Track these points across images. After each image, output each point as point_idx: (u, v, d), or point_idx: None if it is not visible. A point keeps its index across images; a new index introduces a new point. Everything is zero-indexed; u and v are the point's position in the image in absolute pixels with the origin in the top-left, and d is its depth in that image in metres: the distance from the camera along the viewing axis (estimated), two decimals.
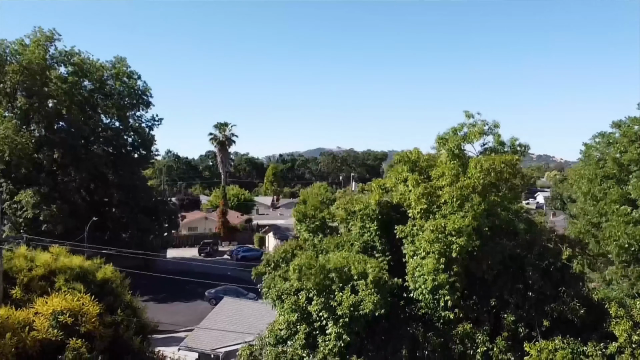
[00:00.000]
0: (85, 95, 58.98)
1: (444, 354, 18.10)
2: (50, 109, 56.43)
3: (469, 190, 17.55)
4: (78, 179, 56.57)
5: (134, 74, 60.56)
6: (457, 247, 16.80)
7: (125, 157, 62.33)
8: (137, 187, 62.23)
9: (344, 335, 17.89)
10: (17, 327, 24.86)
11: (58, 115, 57.25)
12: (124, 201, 59.77)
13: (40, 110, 55.32)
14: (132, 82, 60.02)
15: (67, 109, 55.70)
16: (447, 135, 19.97)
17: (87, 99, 59.30)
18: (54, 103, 56.77)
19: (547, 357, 16.33)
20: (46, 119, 55.79)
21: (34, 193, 52.53)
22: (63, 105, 55.83)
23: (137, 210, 60.38)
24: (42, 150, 55.10)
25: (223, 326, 35.38)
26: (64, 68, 58.67)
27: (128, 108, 62.11)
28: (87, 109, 59.57)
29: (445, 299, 17.21)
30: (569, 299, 17.37)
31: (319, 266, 18.07)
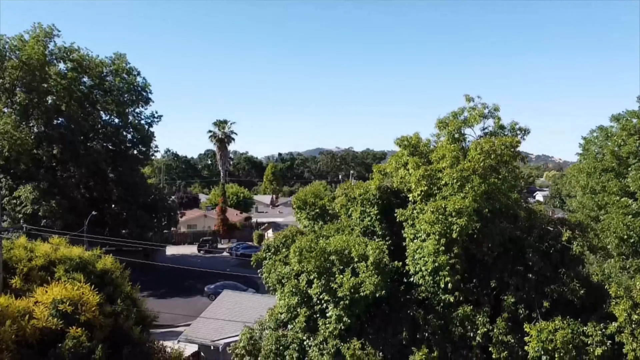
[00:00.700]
0: (85, 92, 58.98)
1: (444, 336, 18.12)
2: (49, 105, 56.46)
3: (469, 172, 17.59)
4: (77, 174, 56.55)
5: (133, 70, 60.57)
6: (458, 227, 16.83)
7: (124, 154, 62.32)
8: (137, 183, 62.23)
9: (344, 318, 17.91)
10: (17, 316, 24.89)
11: (57, 112, 57.24)
12: (123, 197, 59.77)
13: (40, 106, 55.33)
14: (132, 78, 60.04)
15: (67, 105, 55.70)
16: (447, 119, 20.02)
17: (87, 95, 59.30)
18: (53, 99, 56.80)
19: (547, 337, 16.35)
20: (45, 115, 55.78)
21: (33, 188, 52.51)
22: (62, 102, 55.84)
23: (136, 207, 60.38)
24: (42, 146, 55.08)
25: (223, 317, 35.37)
26: (63, 64, 58.70)
27: (127, 105, 62.10)
28: (86, 105, 59.56)
29: (446, 280, 17.22)
30: (568, 280, 17.41)
31: (320, 249, 18.10)
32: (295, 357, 18.68)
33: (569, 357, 16.23)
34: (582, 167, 43.75)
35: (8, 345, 23.64)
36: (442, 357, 17.85)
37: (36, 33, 55.62)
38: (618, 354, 16.94)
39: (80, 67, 57.82)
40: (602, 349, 16.36)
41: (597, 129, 43.42)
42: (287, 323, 19.77)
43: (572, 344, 16.38)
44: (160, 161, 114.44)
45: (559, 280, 17.64)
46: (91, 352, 25.22)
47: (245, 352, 20.17)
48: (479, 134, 20.14)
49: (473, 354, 17.77)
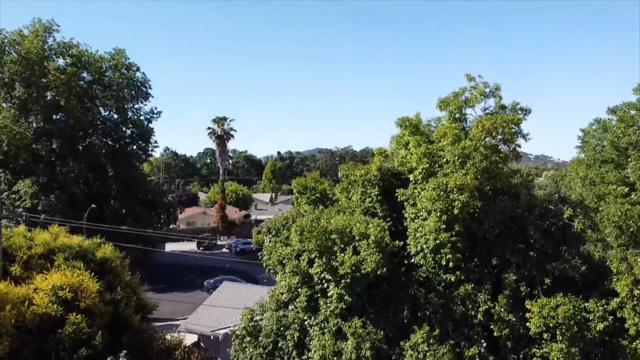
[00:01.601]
0: (84, 87, 58.90)
1: (445, 314, 18.08)
2: (48, 101, 56.37)
3: (470, 149, 17.57)
4: (77, 169, 56.45)
5: (132, 66, 60.54)
6: (459, 204, 16.79)
7: (123, 150, 62.26)
8: (136, 179, 62.17)
9: (345, 297, 17.86)
10: (17, 302, 24.82)
11: (56, 107, 57.16)
12: (123, 193, 59.68)
13: (39, 101, 55.24)
14: (131, 73, 60.02)
15: (66, 100, 55.60)
16: (448, 98, 19.99)
17: (86, 91, 59.22)
18: (52, 95, 56.73)
19: (548, 313, 16.32)
20: (44, 109, 55.69)
21: (32, 183, 52.44)
22: (62, 97, 55.74)
23: (135, 203, 60.31)
24: (41, 141, 55.00)
25: (222, 309, 35.31)
26: (62, 60, 58.64)
27: (127, 100, 62.06)
28: (85, 100, 59.51)
29: (447, 258, 17.17)
30: (570, 257, 17.39)
31: (321, 228, 18.05)
32: (296, 336, 18.63)
33: (570, 333, 16.20)
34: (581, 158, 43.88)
35: (8, 329, 23.58)
36: (443, 335, 17.81)
37: (35, 28, 55.58)
38: (620, 330, 16.93)
39: (79, 63, 57.77)
40: (603, 324, 16.34)
41: (595, 122, 43.57)
42: (288, 304, 19.72)
43: (574, 320, 16.36)
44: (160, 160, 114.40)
45: (561, 257, 17.61)
46: (91, 338, 25.17)
47: (246, 333, 20.11)
48: (480, 115, 20.12)
49: (474, 332, 17.73)
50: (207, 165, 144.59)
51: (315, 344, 17.96)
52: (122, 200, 59.98)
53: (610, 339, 16.92)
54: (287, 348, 18.92)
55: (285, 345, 19.02)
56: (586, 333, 16.46)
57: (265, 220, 24.30)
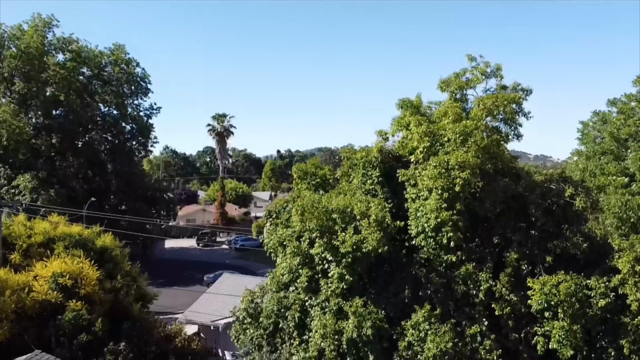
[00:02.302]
0: (84, 82, 58.92)
1: (446, 294, 18.05)
2: (48, 96, 56.37)
3: (472, 127, 17.56)
4: (76, 164, 56.44)
5: (132, 61, 60.56)
6: (461, 181, 16.76)
7: (123, 145, 62.27)
8: (136, 175, 62.19)
9: (346, 276, 17.81)
10: (17, 289, 24.78)
11: (56, 102, 57.16)
12: (122, 189, 59.66)
13: (39, 96, 55.24)
14: (131, 68, 60.04)
15: (65, 95, 55.60)
16: (450, 79, 19.95)
17: (85, 86, 59.25)
18: (52, 90, 56.72)
19: (549, 290, 16.29)
20: (44, 104, 55.69)
21: (31, 178, 52.41)
22: (61, 92, 55.74)
23: (135, 199, 60.27)
24: (40, 136, 55.02)
25: (223, 299, 35.22)
26: (62, 55, 58.66)
27: (127, 96, 62.08)
28: (85, 96, 59.52)
29: (448, 236, 17.13)
30: (571, 235, 17.37)
31: (322, 207, 18.02)
32: (297, 317, 18.58)
33: (572, 310, 16.17)
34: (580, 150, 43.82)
35: (8, 315, 23.55)
36: (444, 314, 17.77)
37: (35, 23, 55.59)
38: (622, 307, 16.90)
39: (78, 58, 57.79)
40: (605, 301, 16.32)
41: (594, 114, 43.51)
42: (288, 285, 19.67)
43: (576, 297, 16.32)
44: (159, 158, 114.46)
45: (562, 236, 17.60)
46: (91, 325, 25.14)
47: (247, 315, 20.06)
48: (481, 95, 20.07)
49: (476, 311, 17.70)
50: (207, 163, 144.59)
51: (316, 324, 17.93)
52: (122, 196, 59.95)
53: (611, 316, 16.89)
54: (288, 328, 18.88)
55: (286, 325, 18.98)
56: (588, 310, 16.43)
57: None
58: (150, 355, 26.33)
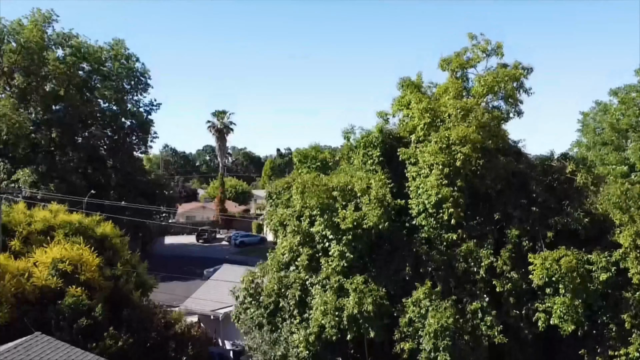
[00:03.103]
0: (84, 78, 58.87)
1: (447, 271, 18.02)
2: (48, 91, 56.31)
3: (472, 103, 17.54)
4: (76, 159, 56.38)
5: (132, 56, 60.52)
6: (462, 156, 16.73)
7: (123, 140, 62.18)
8: (136, 170, 62.13)
9: (347, 254, 17.79)
10: (17, 274, 24.72)
11: (55, 97, 57.10)
12: (122, 184, 59.58)
13: (38, 90, 55.19)
14: (131, 63, 60.00)
15: (65, 90, 55.54)
16: (450, 57, 19.90)
17: (85, 82, 59.19)
18: (51, 85, 56.68)
19: (551, 264, 16.25)
20: (44, 99, 55.64)
21: (31, 172, 52.34)
22: (61, 87, 55.68)
23: (135, 194, 60.15)
24: (40, 130, 54.95)
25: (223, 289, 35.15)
26: (61, 51, 58.61)
27: (126, 91, 62.03)
28: (85, 91, 59.47)
29: (449, 212, 17.12)
30: (572, 211, 17.34)
31: (323, 185, 18.00)
32: (298, 295, 18.53)
33: (573, 285, 16.13)
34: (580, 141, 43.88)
35: (8, 298, 23.49)
36: (445, 291, 17.76)
37: (35, 18, 55.58)
38: (623, 282, 16.87)
39: (78, 53, 57.74)
40: (607, 275, 16.28)
41: (595, 104, 43.60)
42: (289, 264, 19.64)
43: (577, 271, 16.28)
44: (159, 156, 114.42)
45: (563, 212, 17.58)
46: (91, 310, 25.07)
47: (247, 294, 20.01)
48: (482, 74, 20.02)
49: (477, 288, 17.68)
50: (207, 162, 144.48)
51: (317, 301, 17.89)
52: (122, 191, 59.84)
53: (613, 291, 16.86)
54: (288, 307, 18.83)
55: (286, 304, 18.93)
56: (589, 285, 16.40)
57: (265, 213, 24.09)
58: (150, 341, 26.28)
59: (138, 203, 59.42)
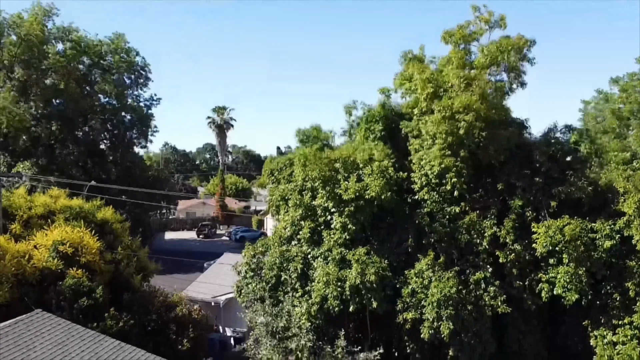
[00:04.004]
0: (84, 71, 58.81)
1: (450, 243, 17.93)
2: (48, 84, 56.24)
3: (476, 72, 17.48)
4: (76, 152, 56.32)
5: (132, 50, 60.46)
6: (465, 124, 16.65)
7: (123, 135, 62.10)
8: (136, 165, 62.03)
9: (349, 225, 17.70)
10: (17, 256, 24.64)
11: (56, 91, 57.04)
12: (122, 178, 59.47)
13: (39, 83, 55.13)
14: (131, 57, 59.94)
15: (65, 84, 55.47)
16: (453, 30, 19.79)
17: (85, 75, 59.13)
18: (52, 80, 56.61)
19: (554, 232, 16.15)
20: (44, 92, 55.58)
21: (31, 165, 52.28)
22: (61, 80, 55.62)
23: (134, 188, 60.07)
24: (40, 123, 54.88)
25: (223, 277, 35.07)
26: (61, 45, 58.59)
27: (127, 86, 61.96)
28: (85, 86, 59.40)
29: (452, 182, 17.03)
30: (576, 180, 17.28)
31: (324, 156, 17.93)
32: (300, 268, 18.43)
33: (577, 253, 16.04)
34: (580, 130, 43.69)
35: (8, 277, 23.41)
36: (448, 262, 17.67)
37: (35, 11, 55.55)
38: (627, 252, 16.79)
39: (78, 47, 57.69)
40: (611, 242, 16.18)
41: (596, 92, 43.55)
42: (291, 239, 19.55)
43: (580, 239, 16.19)
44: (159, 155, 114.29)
45: (567, 182, 17.51)
46: (91, 291, 24.98)
47: (249, 269, 19.92)
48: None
49: (480, 259, 17.58)
50: (207, 161, 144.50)
51: (319, 273, 17.79)
52: (122, 185, 59.74)
53: (617, 260, 16.76)
54: (290, 280, 18.73)
55: (288, 277, 18.83)
56: (593, 253, 16.30)
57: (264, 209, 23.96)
58: (151, 324, 26.19)
59: (138, 197, 59.41)
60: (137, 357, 20.59)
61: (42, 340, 19.52)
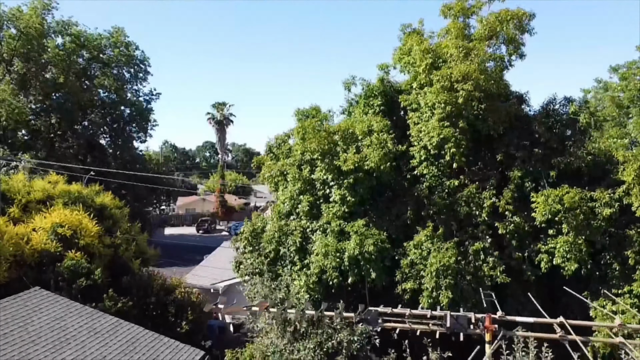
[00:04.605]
0: (83, 65, 58.81)
1: (449, 214, 17.87)
2: (47, 78, 56.25)
3: (475, 43, 17.44)
4: (75, 145, 56.31)
5: (131, 44, 60.48)
6: (464, 93, 16.60)
7: (122, 128, 62.08)
8: (135, 159, 62.01)
9: (348, 197, 17.64)
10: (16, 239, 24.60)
11: (55, 85, 57.04)
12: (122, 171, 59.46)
13: (38, 76, 55.12)
14: (130, 51, 59.96)
15: (65, 78, 55.48)
16: (452, 4, 19.74)
17: (85, 70, 59.14)
18: (51, 73, 56.62)
19: (553, 201, 16.08)
20: (44, 85, 55.58)
21: (30, 158, 52.24)
22: (60, 74, 55.63)
23: (134, 181, 60.04)
24: (40, 116, 54.89)
25: (223, 264, 35.06)
26: (60, 39, 58.61)
27: (126, 81, 61.97)
28: (84, 80, 59.40)
29: (451, 152, 16.98)
30: (575, 149, 17.22)
31: (323, 129, 17.88)
32: (298, 242, 18.37)
33: (576, 221, 15.97)
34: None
35: (7, 257, 23.37)
36: (447, 234, 17.60)
37: (34, 5, 55.57)
38: (627, 222, 16.72)
39: (78, 41, 57.71)
40: (610, 210, 16.11)
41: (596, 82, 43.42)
42: (290, 214, 19.49)
43: (580, 208, 16.13)
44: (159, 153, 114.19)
45: (566, 152, 17.46)
46: (90, 273, 24.94)
47: (247, 243, 19.86)
48: None
49: (479, 230, 17.52)
50: (206, 159, 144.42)
51: (317, 245, 17.73)
52: (121, 179, 59.72)
53: (616, 230, 16.69)
54: (289, 253, 18.67)
55: (287, 250, 18.77)
56: (592, 222, 16.23)
57: (264, 205, 23.89)
58: (150, 306, 26.14)
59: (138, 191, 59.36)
60: (135, 333, 20.57)
61: (40, 315, 19.49)
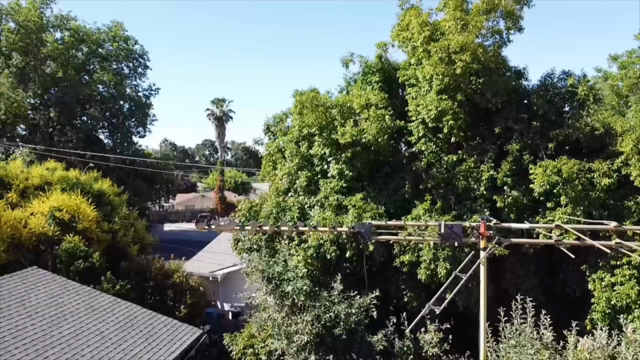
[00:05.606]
0: (82, 60, 58.81)
1: (447, 189, 17.82)
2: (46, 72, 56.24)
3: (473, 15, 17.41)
4: (75, 139, 56.29)
5: (131, 39, 60.48)
6: (462, 63, 16.55)
7: (122, 123, 62.07)
8: (134, 153, 61.97)
9: (345, 171, 17.60)
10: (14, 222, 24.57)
11: (54, 80, 57.03)
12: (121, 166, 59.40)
13: (37, 71, 55.12)
14: (130, 45, 59.96)
15: (64, 72, 55.47)
16: None
17: (84, 64, 59.14)
18: (50, 68, 56.62)
19: (552, 172, 16.02)
20: (42, 78, 55.59)
21: (29, 151, 52.21)
22: (59, 68, 55.63)
23: (134, 176, 60.00)
24: (38, 110, 54.90)
25: (222, 254, 35.00)
26: (59, 34, 58.60)
27: (125, 76, 61.96)
28: (83, 74, 59.40)
29: (450, 125, 16.93)
30: (573, 121, 17.18)
31: (321, 103, 17.84)
32: (296, 217, 18.30)
33: (575, 192, 15.91)
34: None
35: (4, 239, 23.33)
36: (445, 208, 17.54)
37: None
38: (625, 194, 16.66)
39: (77, 35, 57.72)
40: (609, 180, 16.04)
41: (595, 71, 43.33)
42: (288, 191, 19.45)
43: (579, 179, 16.07)
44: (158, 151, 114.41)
45: (564, 124, 17.42)
46: (88, 257, 24.92)
47: (245, 220, 19.79)
48: None
49: (477, 203, 17.46)
50: (206, 157, 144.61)
51: (315, 219, 17.66)
52: (120, 174, 59.66)
53: (615, 202, 16.62)
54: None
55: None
56: (591, 193, 16.16)
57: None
58: (148, 290, 26.12)
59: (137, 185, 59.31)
60: (133, 311, 20.51)
61: (37, 292, 19.44)
